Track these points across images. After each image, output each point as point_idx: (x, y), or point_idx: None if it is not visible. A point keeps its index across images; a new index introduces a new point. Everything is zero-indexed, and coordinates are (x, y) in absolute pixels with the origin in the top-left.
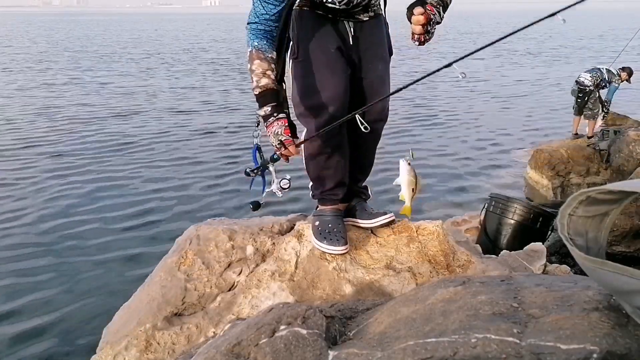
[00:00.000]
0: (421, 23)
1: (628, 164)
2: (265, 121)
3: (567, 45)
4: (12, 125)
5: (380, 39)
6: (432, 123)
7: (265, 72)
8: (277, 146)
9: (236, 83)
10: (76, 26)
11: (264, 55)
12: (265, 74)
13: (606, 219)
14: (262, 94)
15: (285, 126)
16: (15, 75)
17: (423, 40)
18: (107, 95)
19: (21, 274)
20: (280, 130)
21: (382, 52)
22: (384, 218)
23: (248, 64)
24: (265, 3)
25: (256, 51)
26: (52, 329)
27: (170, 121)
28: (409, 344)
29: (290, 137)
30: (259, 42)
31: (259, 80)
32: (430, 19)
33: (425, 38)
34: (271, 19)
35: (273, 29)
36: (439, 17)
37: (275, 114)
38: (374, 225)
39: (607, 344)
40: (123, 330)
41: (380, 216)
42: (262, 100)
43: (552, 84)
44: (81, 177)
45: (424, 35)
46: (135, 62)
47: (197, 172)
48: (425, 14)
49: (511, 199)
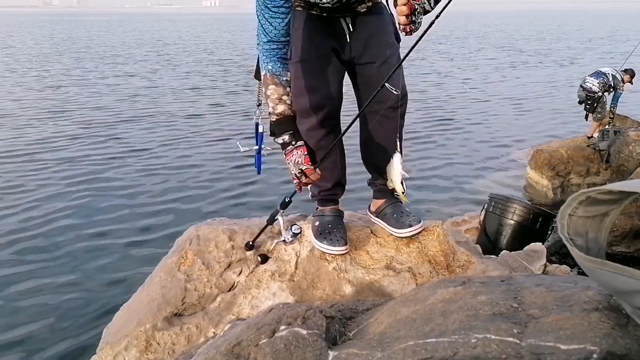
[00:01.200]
0: (404, 14)
1: (628, 164)
2: (284, 149)
3: (574, 46)
4: (22, 130)
5: (382, 27)
6: (432, 123)
7: (281, 98)
8: (296, 174)
9: (242, 84)
10: (78, 27)
11: (279, 79)
12: (281, 99)
13: (606, 219)
14: (278, 121)
15: (305, 155)
16: (21, 77)
17: (409, 30)
18: (114, 97)
19: (21, 274)
20: (300, 160)
21: (388, 38)
22: (412, 230)
23: (263, 87)
24: (272, 19)
25: (271, 75)
26: (52, 329)
27: (173, 122)
28: (409, 344)
29: (311, 165)
30: (272, 65)
31: (274, 107)
32: (415, 9)
33: (411, 28)
34: (281, 34)
35: (285, 45)
36: (428, 6)
37: (293, 142)
38: (401, 236)
39: (607, 344)
40: (123, 331)
41: (407, 227)
42: (279, 128)
43: (556, 85)
44: (81, 178)
45: (409, 25)
46: (142, 63)
47: (197, 172)
48: (408, 4)
49: (511, 199)
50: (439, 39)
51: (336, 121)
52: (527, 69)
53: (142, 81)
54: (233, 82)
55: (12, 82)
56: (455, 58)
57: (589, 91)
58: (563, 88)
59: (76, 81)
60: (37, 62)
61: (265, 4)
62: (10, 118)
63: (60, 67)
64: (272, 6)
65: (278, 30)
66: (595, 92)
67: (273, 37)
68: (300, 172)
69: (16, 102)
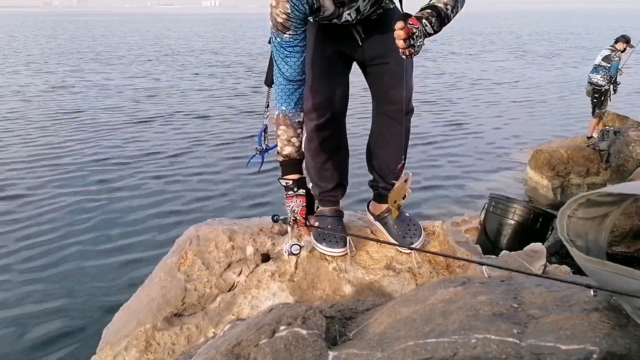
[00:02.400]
0: (401, 38)
1: (628, 164)
2: (286, 191)
3: (578, 47)
4: (35, 134)
5: (393, 32)
6: (431, 123)
7: (290, 140)
8: (290, 220)
9: (251, 86)
10: (80, 27)
11: (291, 121)
12: (290, 141)
13: (606, 221)
14: (284, 162)
15: (302, 206)
16: (27, 78)
17: (409, 54)
18: (119, 99)
19: (21, 275)
20: (297, 210)
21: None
22: (413, 247)
23: (274, 126)
24: (287, 58)
25: (283, 116)
26: (52, 329)
27: (174, 123)
28: (409, 345)
29: (304, 219)
30: (286, 106)
31: (282, 147)
32: (413, 32)
33: (410, 52)
34: (297, 72)
35: (300, 85)
36: (431, 29)
37: (295, 189)
38: (401, 250)
39: (607, 345)
40: (123, 331)
41: (409, 244)
42: (284, 170)
43: (556, 85)
44: (80, 178)
45: (407, 49)
46: (148, 63)
47: (197, 173)
48: (405, 28)
49: (511, 200)
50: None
51: (340, 122)
52: (527, 69)
53: (149, 82)
54: (235, 83)
55: (23, 82)
56: (455, 58)
57: (596, 85)
58: (563, 88)
59: (83, 82)
60: (43, 63)
61: (280, 44)
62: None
63: (66, 69)
64: (287, 46)
65: (294, 70)
66: (602, 85)
67: (289, 77)
68: (293, 220)
69: (27, 102)
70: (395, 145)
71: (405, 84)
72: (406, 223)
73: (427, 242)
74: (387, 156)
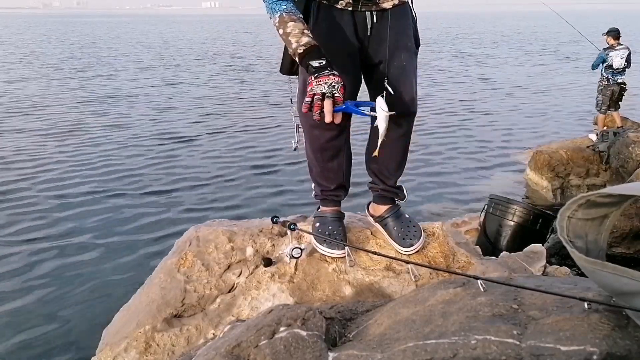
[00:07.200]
0: None
1: (627, 165)
2: (319, 72)
3: (578, 47)
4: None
5: (404, 28)
6: (431, 124)
7: (303, 31)
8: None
9: (251, 86)
10: (82, 28)
11: (296, 16)
12: (304, 32)
13: (606, 222)
14: (308, 50)
15: (342, 84)
16: (39, 82)
17: None
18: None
19: (20, 275)
20: (337, 86)
21: (407, 41)
22: (413, 249)
23: (280, 29)
24: None
25: (287, 14)
26: (51, 330)
27: (173, 123)
28: (409, 346)
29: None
30: (286, 5)
31: (299, 39)
32: None
33: None
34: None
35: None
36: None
37: (329, 69)
38: (402, 252)
39: (607, 346)
40: (122, 332)
41: (408, 247)
42: (311, 56)
43: (556, 85)
44: (80, 179)
45: None
46: (162, 68)
47: (197, 173)
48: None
49: (511, 201)
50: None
51: (345, 122)
52: (526, 69)
53: (153, 81)
54: (238, 83)
55: (40, 86)
56: (455, 59)
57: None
58: (563, 89)
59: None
60: (55, 68)
61: None
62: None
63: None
64: None
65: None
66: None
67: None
68: (330, 94)
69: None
70: (395, 148)
71: (409, 86)
72: (406, 224)
73: (427, 243)
74: (387, 158)
